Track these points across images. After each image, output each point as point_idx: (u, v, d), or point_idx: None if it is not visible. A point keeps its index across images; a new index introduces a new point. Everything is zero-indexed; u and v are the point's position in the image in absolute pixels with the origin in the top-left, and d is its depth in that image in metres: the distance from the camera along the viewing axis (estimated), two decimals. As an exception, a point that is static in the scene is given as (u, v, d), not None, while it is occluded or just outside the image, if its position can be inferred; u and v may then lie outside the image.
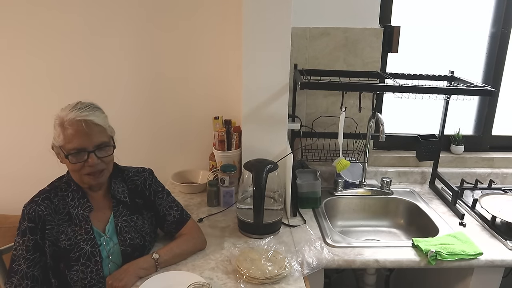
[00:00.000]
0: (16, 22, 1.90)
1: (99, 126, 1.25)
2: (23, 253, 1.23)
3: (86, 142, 1.22)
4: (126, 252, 1.32)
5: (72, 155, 1.22)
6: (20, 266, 1.22)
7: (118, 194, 1.36)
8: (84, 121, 1.22)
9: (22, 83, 1.99)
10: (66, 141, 1.22)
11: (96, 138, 1.24)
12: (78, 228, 1.27)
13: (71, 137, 1.21)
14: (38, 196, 1.28)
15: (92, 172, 1.26)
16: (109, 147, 1.28)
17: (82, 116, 1.22)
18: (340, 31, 1.88)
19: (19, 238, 1.24)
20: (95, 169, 1.25)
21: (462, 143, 2.08)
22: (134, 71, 1.97)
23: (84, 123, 1.22)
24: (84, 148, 1.23)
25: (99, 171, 1.27)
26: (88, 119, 1.22)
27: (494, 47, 2.00)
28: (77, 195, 1.30)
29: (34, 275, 1.23)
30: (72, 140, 1.21)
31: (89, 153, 1.23)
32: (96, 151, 1.24)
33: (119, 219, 1.34)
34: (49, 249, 1.24)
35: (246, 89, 1.68)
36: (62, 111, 1.24)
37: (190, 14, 1.89)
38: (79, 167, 1.24)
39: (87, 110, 1.24)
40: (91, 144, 1.23)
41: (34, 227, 1.23)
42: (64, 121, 1.22)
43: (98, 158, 1.25)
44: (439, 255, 1.40)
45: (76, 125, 1.21)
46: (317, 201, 1.79)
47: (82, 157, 1.23)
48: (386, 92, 1.78)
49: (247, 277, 1.25)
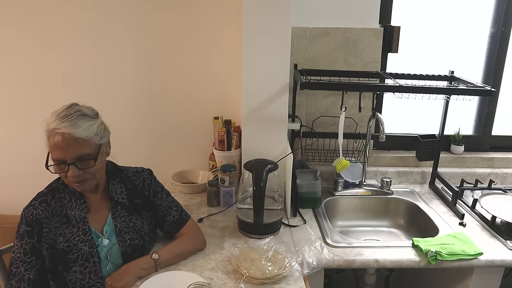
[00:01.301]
0: (19, 22, 1.90)
1: (79, 139, 1.19)
2: (20, 256, 1.23)
3: (64, 155, 1.19)
4: (126, 252, 1.32)
5: (52, 166, 1.22)
6: (18, 269, 1.23)
7: (116, 195, 1.36)
8: (61, 135, 1.17)
9: (24, 83, 1.99)
10: (50, 149, 1.21)
11: (74, 151, 1.19)
12: (75, 229, 1.27)
13: (51, 147, 1.20)
14: (35, 199, 1.27)
15: (73, 183, 1.25)
16: (90, 160, 1.23)
17: (61, 128, 1.17)
18: (340, 31, 1.88)
19: (18, 241, 1.25)
20: (77, 179, 1.23)
21: (462, 143, 2.08)
22: (134, 71, 1.97)
23: (60, 137, 1.17)
24: (63, 160, 1.20)
25: (82, 181, 1.25)
26: (66, 132, 1.17)
27: (494, 47, 2.00)
28: (74, 196, 1.30)
29: (31, 278, 1.23)
30: (52, 150, 1.20)
31: (69, 165, 1.21)
32: (77, 162, 1.21)
33: (118, 220, 1.34)
34: (46, 252, 1.24)
35: (246, 89, 1.68)
36: (50, 116, 1.22)
37: (190, 14, 1.89)
38: (63, 175, 1.24)
39: (69, 120, 1.19)
40: (69, 157, 1.20)
41: (31, 231, 1.23)
42: (48, 129, 1.20)
43: (79, 170, 1.22)
44: (439, 255, 1.40)
45: (57, 137, 1.17)
46: (317, 201, 1.79)
47: (62, 168, 1.22)
48: (386, 92, 1.78)
49: (247, 277, 1.25)
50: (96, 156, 1.24)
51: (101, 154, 1.27)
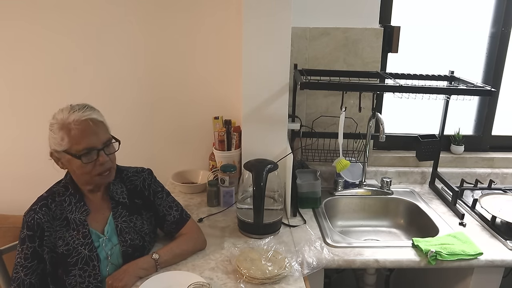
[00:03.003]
0: (20, 25, 1.90)
1: (102, 123, 1.25)
2: (21, 261, 1.23)
3: (95, 140, 1.22)
4: (127, 252, 1.32)
5: (84, 155, 1.21)
6: (18, 274, 1.23)
7: (117, 195, 1.36)
8: (90, 120, 1.21)
9: (25, 85, 1.99)
10: (74, 142, 1.19)
11: (102, 135, 1.24)
12: (75, 232, 1.27)
13: (78, 138, 1.19)
14: (36, 203, 1.27)
15: (103, 171, 1.25)
16: (114, 143, 1.28)
17: (87, 116, 1.21)
18: (340, 31, 1.88)
19: (19, 246, 1.25)
20: (105, 167, 1.25)
21: (462, 143, 2.08)
22: (134, 71, 1.97)
23: (91, 121, 1.21)
24: (94, 146, 1.21)
25: (108, 170, 1.27)
26: (93, 117, 1.22)
27: (494, 47, 2.00)
28: (74, 199, 1.29)
29: (31, 282, 1.23)
30: (80, 140, 1.19)
31: (98, 151, 1.22)
32: (105, 148, 1.24)
33: (118, 220, 1.34)
34: (47, 256, 1.24)
35: (246, 89, 1.68)
36: (59, 115, 1.22)
37: (190, 14, 1.89)
38: (90, 168, 1.23)
39: (87, 110, 1.23)
40: (99, 142, 1.23)
41: (33, 235, 1.23)
42: (66, 123, 1.19)
43: (107, 155, 1.25)
44: (439, 255, 1.40)
45: (83, 124, 1.20)
46: (317, 201, 1.79)
47: (92, 156, 1.22)
48: (386, 92, 1.78)
49: (247, 277, 1.25)
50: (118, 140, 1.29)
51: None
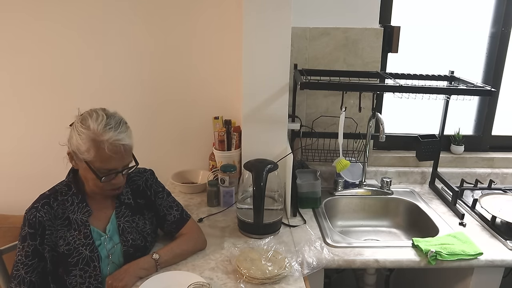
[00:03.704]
0: (23, 24, 1.90)
1: (130, 147, 1.26)
2: (22, 259, 1.23)
3: (119, 164, 1.24)
4: (128, 252, 1.32)
5: (105, 175, 1.22)
6: (18, 272, 1.23)
7: (122, 196, 1.36)
8: (123, 146, 1.21)
9: (28, 85, 1.99)
10: (100, 160, 1.20)
11: (127, 160, 1.26)
12: (77, 233, 1.27)
13: (106, 159, 1.20)
14: (38, 201, 1.27)
15: (115, 189, 1.29)
16: (132, 164, 1.30)
17: (120, 140, 1.20)
18: (340, 31, 1.88)
19: (20, 244, 1.25)
20: (118, 185, 1.28)
21: (462, 143, 2.08)
22: (134, 71, 1.97)
23: (123, 148, 1.21)
24: (116, 169, 1.24)
25: (120, 187, 1.30)
26: (126, 143, 1.22)
27: (494, 47, 2.00)
28: (77, 199, 1.29)
29: (32, 280, 1.23)
30: (107, 162, 1.20)
31: (117, 173, 1.25)
32: (124, 170, 1.27)
33: (121, 220, 1.34)
34: (48, 254, 1.24)
35: (246, 89, 1.68)
36: (92, 124, 1.19)
37: (190, 14, 1.89)
38: (104, 184, 1.24)
39: (122, 130, 1.22)
40: (121, 165, 1.25)
41: (34, 233, 1.23)
42: (98, 140, 1.18)
43: (123, 176, 1.27)
44: (439, 255, 1.40)
45: (116, 149, 1.20)
46: (317, 201, 1.79)
47: (111, 177, 1.24)
48: (386, 92, 1.78)
49: (247, 277, 1.25)
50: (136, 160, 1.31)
51: None
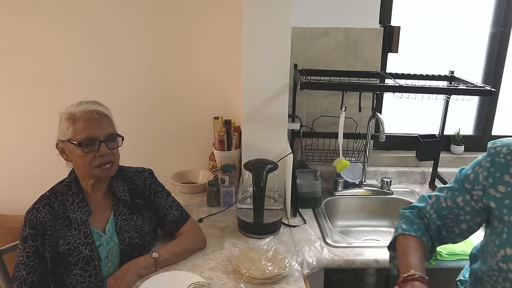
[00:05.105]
0: (19, 24, 1.90)
1: (108, 117, 1.29)
2: (23, 260, 1.23)
3: (98, 131, 1.25)
4: (124, 251, 1.32)
5: (85, 145, 1.23)
6: (20, 273, 1.23)
7: (119, 192, 1.36)
8: (95, 111, 1.26)
9: (25, 86, 1.99)
10: (77, 131, 1.23)
11: (106, 128, 1.27)
12: (77, 232, 1.27)
13: (82, 127, 1.23)
14: (39, 202, 1.28)
15: (103, 163, 1.27)
16: (118, 138, 1.31)
17: (93, 108, 1.26)
18: (340, 31, 1.88)
19: (21, 245, 1.25)
20: (106, 160, 1.27)
21: (462, 143, 2.08)
22: (134, 71, 1.97)
23: (96, 113, 1.25)
24: (95, 137, 1.24)
25: (109, 163, 1.28)
26: (98, 109, 1.27)
27: (494, 47, 2.00)
28: (77, 198, 1.30)
29: (33, 281, 1.23)
30: (83, 130, 1.23)
31: (100, 143, 1.25)
32: (107, 141, 1.26)
33: (119, 218, 1.34)
34: (49, 255, 1.24)
35: (246, 89, 1.68)
36: (69, 108, 1.27)
37: (190, 14, 1.89)
38: (90, 159, 1.25)
39: (95, 103, 1.29)
40: (102, 134, 1.25)
41: (35, 234, 1.23)
42: (73, 114, 1.24)
43: (108, 149, 1.26)
44: (439, 255, 1.40)
45: (89, 115, 1.25)
46: (317, 201, 1.79)
47: (93, 147, 1.24)
48: (386, 92, 1.78)
49: (247, 277, 1.25)
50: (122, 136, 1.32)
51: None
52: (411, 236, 1.14)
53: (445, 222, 1.16)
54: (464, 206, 1.12)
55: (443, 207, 1.15)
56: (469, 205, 1.12)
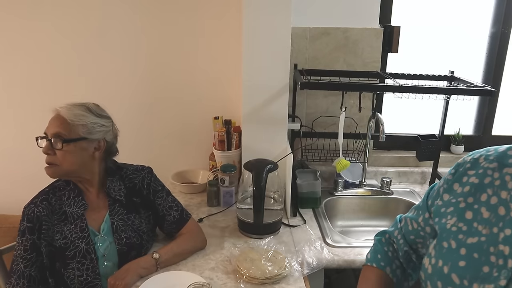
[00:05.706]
0: (18, 25, 1.90)
1: (63, 119, 1.25)
2: (21, 253, 1.25)
3: (48, 129, 1.26)
4: (122, 251, 1.32)
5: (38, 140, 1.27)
6: (17, 266, 1.24)
7: (114, 192, 1.36)
8: (59, 111, 1.26)
9: (23, 85, 1.99)
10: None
11: (53, 127, 1.25)
12: (73, 226, 1.28)
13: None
14: (37, 197, 1.30)
15: (46, 162, 1.27)
16: (59, 140, 1.24)
17: (61, 108, 1.27)
18: (340, 31, 1.88)
19: (19, 238, 1.26)
20: (46, 159, 1.27)
21: (462, 143, 2.08)
22: (134, 71, 1.97)
23: (56, 115, 1.27)
24: (46, 134, 1.27)
25: (49, 163, 1.27)
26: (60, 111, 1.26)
27: (494, 47, 2.00)
28: (73, 193, 1.31)
29: (31, 274, 1.24)
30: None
31: (46, 140, 1.26)
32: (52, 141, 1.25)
33: (115, 218, 1.34)
34: (44, 249, 1.25)
35: (246, 89, 1.68)
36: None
37: (190, 14, 1.89)
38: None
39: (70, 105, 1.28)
40: (49, 132, 1.26)
41: (32, 227, 1.25)
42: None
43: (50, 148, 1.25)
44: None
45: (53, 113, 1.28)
46: (317, 201, 1.79)
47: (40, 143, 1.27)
48: (386, 92, 1.78)
49: (247, 277, 1.25)
50: (68, 141, 1.24)
51: (79, 148, 1.26)
52: (372, 268, 1.05)
53: (415, 247, 1.04)
54: (425, 227, 0.99)
55: (410, 230, 1.03)
56: (428, 224, 0.98)
